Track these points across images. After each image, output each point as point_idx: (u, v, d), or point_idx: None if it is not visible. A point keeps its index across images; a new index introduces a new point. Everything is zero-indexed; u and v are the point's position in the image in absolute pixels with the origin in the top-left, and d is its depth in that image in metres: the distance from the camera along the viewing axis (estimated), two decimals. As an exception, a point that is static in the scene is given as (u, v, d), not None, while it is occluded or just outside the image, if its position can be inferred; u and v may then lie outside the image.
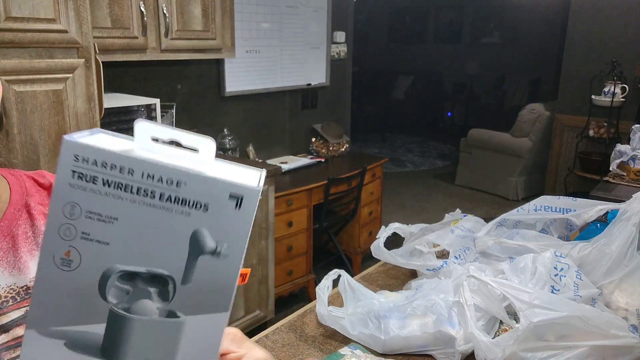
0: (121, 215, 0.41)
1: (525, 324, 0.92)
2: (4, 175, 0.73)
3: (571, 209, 1.28)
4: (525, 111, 5.16)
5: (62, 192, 0.40)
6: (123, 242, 0.42)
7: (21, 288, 0.69)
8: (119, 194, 0.41)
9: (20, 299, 0.69)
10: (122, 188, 0.41)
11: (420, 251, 1.31)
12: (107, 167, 0.40)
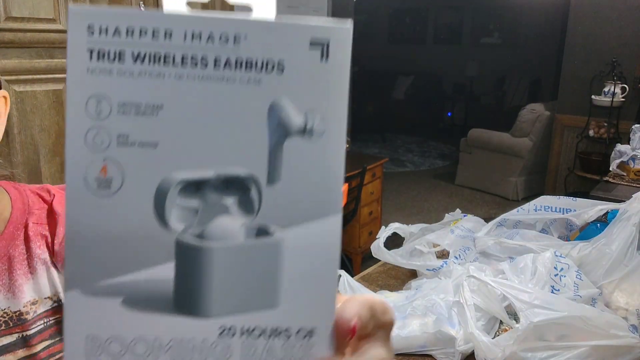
0: (167, 100, 0.29)
1: (525, 324, 0.92)
2: (7, 190, 0.71)
3: (571, 209, 1.28)
4: (525, 111, 5.16)
5: (80, 83, 0.29)
6: (176, 139, 0.30)
7: (14, 313, 0.66)
8: (158, 70, 0.29)
9: (13, 324, 0.66)
10: (160, 60, 0.29)
11: (420, 251, 1.31)
12: (135, 34, 0.29)
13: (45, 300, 0.69)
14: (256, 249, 0.31)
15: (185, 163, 0.30)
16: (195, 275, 0.31)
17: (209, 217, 0.31)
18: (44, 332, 0.68)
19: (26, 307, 0.67)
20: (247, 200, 0.31)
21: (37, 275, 0.68)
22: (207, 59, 0.29)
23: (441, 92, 9.00)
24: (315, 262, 0.31)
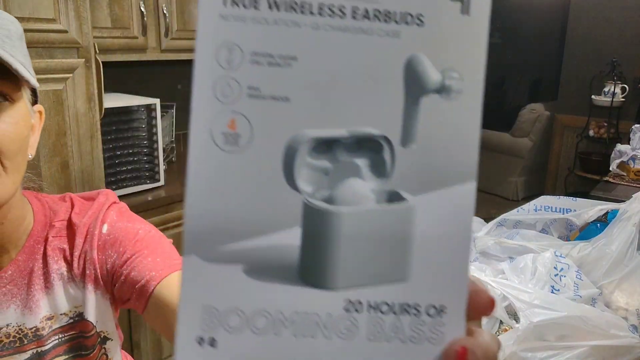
0: (301, 51, 0.27)
1: (525, 324, 0.92)
2: (30, 202, 0.70)
3: (571, 209, 1.28)
4: (525, 111, 5.16)
5: (211, 30, 0.27)
6: (308, 94, 0.28)
7: (29, 329, 0.66)
8: (294, 18, 0.27)
9: (28, 341, 0.66)
10: (297, 9, 0.27)
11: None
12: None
13: (61, 316, 0.69)
14: (388, 215, 0.29)
15: (317, 120, 0.27)
16: (322, 242, 0.28)
17: (339, 179, 0.29)
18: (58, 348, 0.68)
19: (42, 323, 0.67)
20: (380, 162, 0.29)
21: (53, 290, 0.68)
22: (345, 8, 0.27)
23: (441, 92, 9.00)
24: (448, 232, 0.29)
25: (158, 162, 2.09)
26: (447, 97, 0.28)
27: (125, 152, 2.02)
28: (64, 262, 0.69)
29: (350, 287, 0.28)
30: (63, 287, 0.69)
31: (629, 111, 4.08)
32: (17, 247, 0.67)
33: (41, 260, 0.68)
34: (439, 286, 0.29)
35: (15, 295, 0.66)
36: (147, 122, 2.11)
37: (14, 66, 0.55)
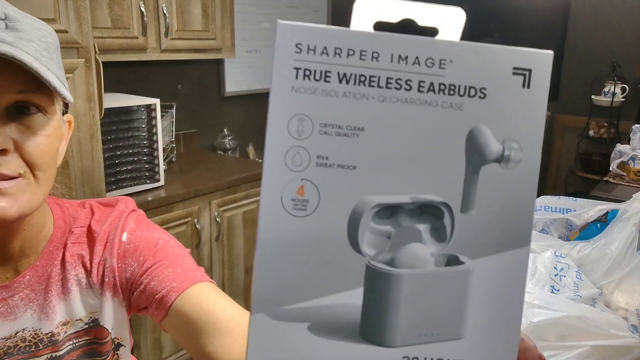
0: (368, 122, 0.29)
1: (525, 324, 0.92)
2: (51, 208, 0.71)
3: (571, 209, 1.28)
4: (525, 111, 5.17)
5: (284, 102, 0.28)
6: (374, 163, 0.29)
7: (45, 335, 0.66)
8: (362, 91, 0.29)
9: (43, 346, 0.66)
10: (366, 82, 0.28)
11: (420, 251, 1.32)
12: (342, 53, 0.29)
13: (76, 321, 0.69)
14: (446, 278, 0.30)
15: (382, 187, 0.29)
16: (383, 302, 0.30)
17: (401, 243, 0.31)
18: (72, 353, 0.69)
19: (58, 328, 0.67)
20: (440, 227, 0.30)
21: (70, 296, 0.68)
22: (412, 81, 0.29)
23: (441, 92, 9.01)
24: (503, 295, 0.30)
25: (158, 162, 2.09)
26: (506, 167, 0.29)
27: (125, 152, 2.02)
28: (82, 268, 0.70)
29: (408, 345, 0.30)
30: (80, 293, 0.69)
31: (629, 111, 4.08)
32: (37, 253, 0.67)
33: (59, 266, 0.68)
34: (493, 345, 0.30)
35: (33, 300, 0.66)
36: (147, 122, 2.11)
37: (52, 83, 0.56)
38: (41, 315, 0.66)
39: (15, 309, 0.65)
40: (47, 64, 0.58)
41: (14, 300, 0.65)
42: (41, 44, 0.59)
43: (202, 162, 2.55)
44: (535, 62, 0.31)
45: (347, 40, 0.29)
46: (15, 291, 0.65)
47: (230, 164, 2.71)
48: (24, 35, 0.57)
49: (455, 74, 0.29)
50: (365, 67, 0.29)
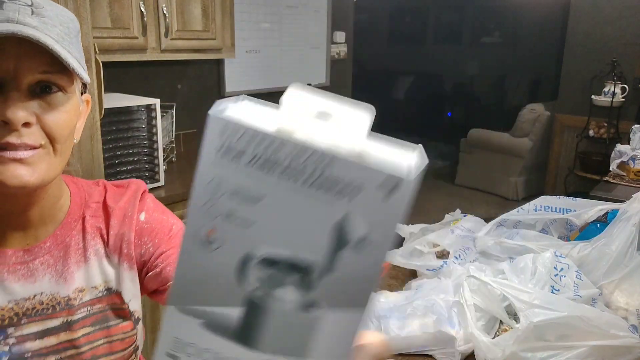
0: (266, 195, 0.38)
1: (525, 324, 0.92)
2: (67, 185, 0.77)
3: (571, 209, 1.28)
4: (525, 111, 5.16)
5: (208, 167, 0.39)
6: (267, 224, 0.39)
7: (62, 298, 0.72)
8: (263, 174, 0.38)
9: (60, 309, 0.71)
10: (268, 168, 0.38)
11: (420, 251, 1.31)
12: (255, 144, 0.38)
13: (92, 289, 0.75)
14: (302, 318, 0.41)
15: (269, 243, 0.40)
16: (253, 322, 0.42)
17: (275, 286, 0.41)
18: (86, 319, 0.73)
19: (74, 294, 0.73)
20: (306, 281, 0.40)
21: (89, 264, 0.74)
22: (299, 177, 0.38)
23: (441, 92, 9.00)
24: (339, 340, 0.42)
25: (158, 162, 2.09)
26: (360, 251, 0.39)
27: (125, 152, 2.02)
28: (100, 239, 0.76)
29: (267, 352, 0.42)
30: (98, 262, 0.75)
31: (629, 111, 4.08)
32: (55, 223, 0.73)
33: (78, 236, 0.74)
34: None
35: (51, 266, 0.72)
36: (147, 122, 2.11)
37: (72, 65, 0.63)
38: (59, 280, 0.72)
39: (35, 272, 0.71)
40: (68, 48, 0.65)
41: (34, 264, 0.71)
42: (63, 29, 0.66)
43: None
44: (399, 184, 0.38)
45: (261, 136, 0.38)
46: (36, 256, 0.71)
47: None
48: (48, 20, 0.64)
49: (332, 179, 0.38)
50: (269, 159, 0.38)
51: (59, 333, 0.71)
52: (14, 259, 0.70)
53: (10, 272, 0.69)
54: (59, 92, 0.65)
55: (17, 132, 0.61)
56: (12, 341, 0.69)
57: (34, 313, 0.70)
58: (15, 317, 0.69)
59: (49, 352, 0.70)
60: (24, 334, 0.69)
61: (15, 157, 0.61)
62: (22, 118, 0.61)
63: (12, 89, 0.61)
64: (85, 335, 0.73)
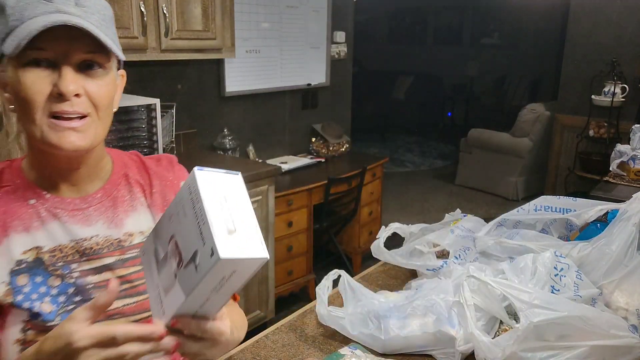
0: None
1: (525, 324, 0.92)
2: (108, 152, 0.92)
3: (571, 209, 1.28)
4: (525, 111, 5.16)
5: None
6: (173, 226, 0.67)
7: (115, 240, 0.86)
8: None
9: (114, 249, 0.85)
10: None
11: (420, 251, 1.31)
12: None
13: (139, 233, 0.88)
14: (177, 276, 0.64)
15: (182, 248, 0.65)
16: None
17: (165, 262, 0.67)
18: (135, 259, 0.86)
19: (124, 237, 0.87)
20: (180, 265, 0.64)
21: (135, 213, 0.89)
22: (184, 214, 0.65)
23: (441, 92, 8.99)
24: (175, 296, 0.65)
25: (158, 162, 2.09)
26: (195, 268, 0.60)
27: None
28: (142, 194, 0.91)
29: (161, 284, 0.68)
30: (143, 212, 0.90)
31: (629, 111, 4.08)
32: (102, 180, 0.88)
33: (124, 190, 0.89)
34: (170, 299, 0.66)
35: (103, 213, 0.86)
36: (147, 122, 2.11)
37: (109, 46, 0.76)
38: (110, 225, 0.86)
39: (90, 217, 0.85)
40: (105, 31, 0.77)
41: (88, 211, 0.85)
42: (100, 16, 0.79)
43: (202, 162, 2.55)
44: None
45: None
46: (90, 204, 0.85)
47: (230, 163, 2.71)
48: (88, 9, 0.77)
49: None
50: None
51: (113, 269, 0.84)
52: (72, 206, 0.83)
53: (70, 216, 0.83)
54: (100, 68, 0.78)
55: (70, 102, 0.75)
56: (76, 275, 0.82)
57: (91, 252, 0.83)
58: (77, 255, 0.82)
59: (105, 285, 0.78)
60: (85, 269, 0.82)
61: (69, 126, 0.75)
62: (74, 90, 0.74)
63: (64, 66, 0.74)
64: (135, 272, 0.86)
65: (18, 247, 0.79)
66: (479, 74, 8.57)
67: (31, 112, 0.74)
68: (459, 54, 8.87)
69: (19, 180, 0.83)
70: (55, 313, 0.78)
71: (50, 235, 0.81)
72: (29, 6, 0.74)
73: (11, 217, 0.80)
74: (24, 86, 0.74)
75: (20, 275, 0.78)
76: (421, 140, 8.19)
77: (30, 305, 0.77)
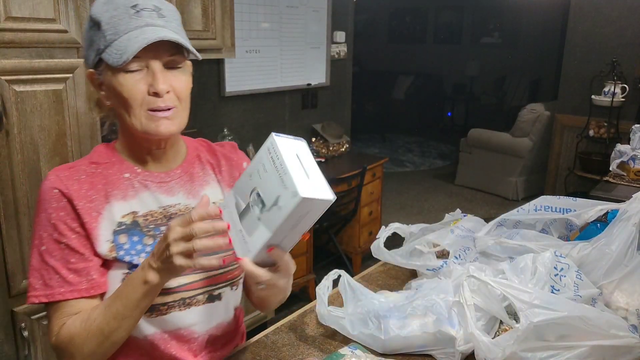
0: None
1: (525, 324, 0.92)
2: (182, 138, 1.08)
3: (571, 209, 1.28)
4: (525, 111, 5.16)
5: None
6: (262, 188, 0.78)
7: (193, 208, 0.95)
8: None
9: None
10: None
11: (420, 251, 1.31)
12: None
13: (212, 203, 0.98)
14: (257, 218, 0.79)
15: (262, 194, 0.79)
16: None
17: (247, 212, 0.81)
18: None
19: None
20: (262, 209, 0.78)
21: (208, 186, 1.07)
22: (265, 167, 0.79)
23: (441, 92, 8.99)
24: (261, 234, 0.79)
25: (158, 162, 2.09)
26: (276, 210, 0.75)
27: (125, 152, 2.01)
28: (212, 171, 1.09)
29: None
30: (213, 186, 1.08)
31: (629, 111, 4.07)
32: (179, 159, 1.05)
33: (198, 168, 1.07)
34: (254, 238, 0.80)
35: (182, 186, 1.03)
36: (147, 122, 2.11)
37: (191, 50, 0.92)
38: (189, 196, 1.03)
39: (173, 189, 1.02)
40: (182, 35, 0.93)
41: (171, 184, 1.02)
42: (175, 22, 0.94)
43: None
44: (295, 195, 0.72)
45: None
46: (172, 178, 1.03)
47: (230, 163, 2.70)
48: (168, 19, 0.92)
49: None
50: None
51: None
52: (158, 179, 1.01)
53: (157, 187, 1.00)
54: (180, 67, 0.94)
55: (162, 99, 0.91)
56: None
57: (176, 216, 0.99)
58: (165, 219, 0.99)
59: None
60: None
61: (163, 116, 0.92)
62: (165, 89, 0.91)
63: (156, 69, 0.90)
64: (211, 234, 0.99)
65: (118, 211, 0.96)
66: (479, 74, 8.57)
67: (132, 108, 0.91)
68: (459, 53, 8.86)
69: (114, 159, 1.01)
70: None
71: (143, 203, 0.99)
72: (121, 21, 0.88)
73: (111, 187, 0.97)
74: (126, 88, 0.90)
75: (121, 235, 0.95)
76: (421, 140, 8.19)
77: (130, 259, 0.94)
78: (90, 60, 0.93)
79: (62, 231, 0.92)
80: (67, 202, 0.93)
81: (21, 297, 1.62)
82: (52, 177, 0.95)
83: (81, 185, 0.95)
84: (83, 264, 0.93)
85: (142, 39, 0.86)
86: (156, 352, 0.99)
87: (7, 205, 1.53)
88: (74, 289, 0.92)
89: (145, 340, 0.98)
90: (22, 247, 1.58)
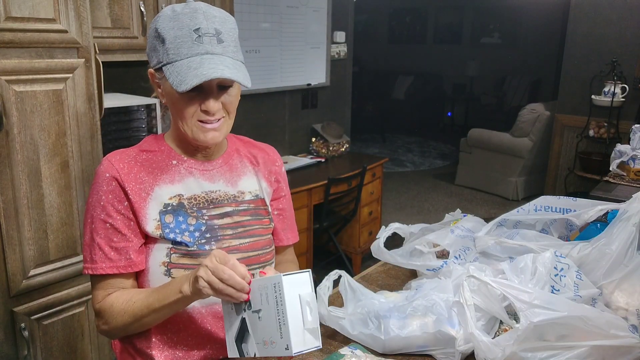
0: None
1: (525, 324, 0.92)
2: None
3: (571, 209, 1.28)
4: (525, 111, 5.16)
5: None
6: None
7: (231, 195, 1.13)
8: None
9: (230, 201, 1.12)
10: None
11: (420, 251, 1.31)
12: None
13: (248, 192, 1.16)
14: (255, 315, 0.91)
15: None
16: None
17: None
18: (246, 211, 1.14)
19: (238, 194, 1.14)
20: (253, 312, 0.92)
21: (246, 176, 1.17)
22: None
23: (441, 92, 8.99)
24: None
25: (158, 162, 2.09)
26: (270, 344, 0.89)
27: (125, 152, 2.01)
28: (251, 165, 1.19)
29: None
30: (251, 178, 1.17)
31: (629, 111, 4.08)
32: (221, 152, 1.15)
33: (237, 160, 1.17)
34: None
35: (222, 174, 1.13)
36: (147, 122, 2.11)
37: (242, 83, 0.99)
38: (227, 184, 1.13)
39: (214, 177, 1.12)
40: (238, 57, 1.01)
41: (213, 172, 1.12)
42: (233, 42, 1.02)
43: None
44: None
45: None
46: (214, 167, 1.13)
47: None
48: (227, 44, 1.00)
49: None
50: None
51: (232, 216, 1.11)
52: (202, 167, 1.11)
53: (200, 174, 1.11)
54: (230, 87, 1.02)
55: (213, 115, 1.02)
56: (206, 217, 1.08)
57: (217, 201, 1.10)
58: (207, 203, 1.09)
59: (228, 226, 1.10)
60: (212, 214, 1.09)
61: (212, 127, 1.03)
62: (215, 107, 1.01)
63: (208, 90, 1.00)
64: (247, 220, 1.13)
65: (165, 194, 1.07)
66: (479, 74, 8.57)
67: (184, 118, 1.02)
68: (459, 53, 8.86)
69: (163, 147, 1.11)
70: (193, 243, 1.05)
71: (188, 187, 1.09)
72: (183, 44, 0.97)
73: (160, 172, 1.08)
74: (181, 103, 1.01)
75: (167, 215, 1.06)
76: (421, 140, 8.19)
77: (174, 237, 1.04)
78: (152, 63, 1.03)
79: (109, 212, 1.03)
80: (117, 185, 1.04)
81: (21, 297, 1.61)
82: (105, 163, 1.06)
83: (131, 169, 1.06)
84: (124, 243, 1.04)
85: (201, 74, 0.94)
86: (192, 326, 1.08)
87: (7, 205, 1.53)
88: (113, 265, 1.03)
89: (184, 314, 1.07)
90: (22, 247, 1.58)
